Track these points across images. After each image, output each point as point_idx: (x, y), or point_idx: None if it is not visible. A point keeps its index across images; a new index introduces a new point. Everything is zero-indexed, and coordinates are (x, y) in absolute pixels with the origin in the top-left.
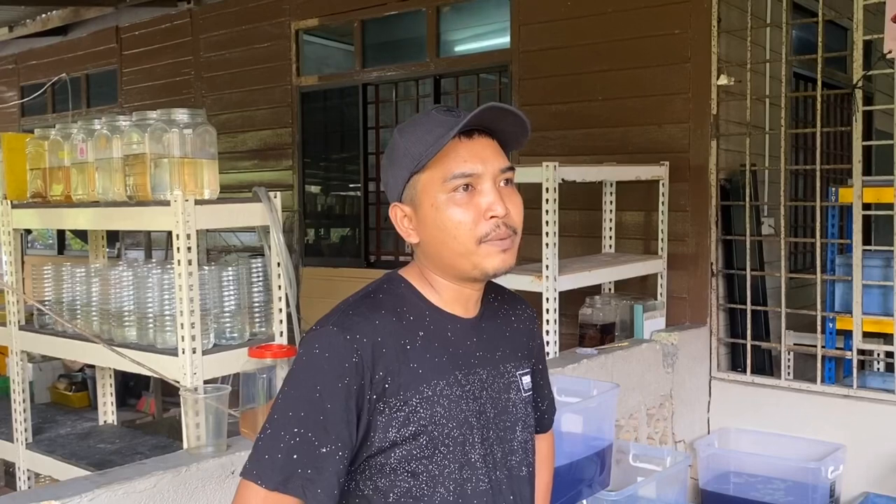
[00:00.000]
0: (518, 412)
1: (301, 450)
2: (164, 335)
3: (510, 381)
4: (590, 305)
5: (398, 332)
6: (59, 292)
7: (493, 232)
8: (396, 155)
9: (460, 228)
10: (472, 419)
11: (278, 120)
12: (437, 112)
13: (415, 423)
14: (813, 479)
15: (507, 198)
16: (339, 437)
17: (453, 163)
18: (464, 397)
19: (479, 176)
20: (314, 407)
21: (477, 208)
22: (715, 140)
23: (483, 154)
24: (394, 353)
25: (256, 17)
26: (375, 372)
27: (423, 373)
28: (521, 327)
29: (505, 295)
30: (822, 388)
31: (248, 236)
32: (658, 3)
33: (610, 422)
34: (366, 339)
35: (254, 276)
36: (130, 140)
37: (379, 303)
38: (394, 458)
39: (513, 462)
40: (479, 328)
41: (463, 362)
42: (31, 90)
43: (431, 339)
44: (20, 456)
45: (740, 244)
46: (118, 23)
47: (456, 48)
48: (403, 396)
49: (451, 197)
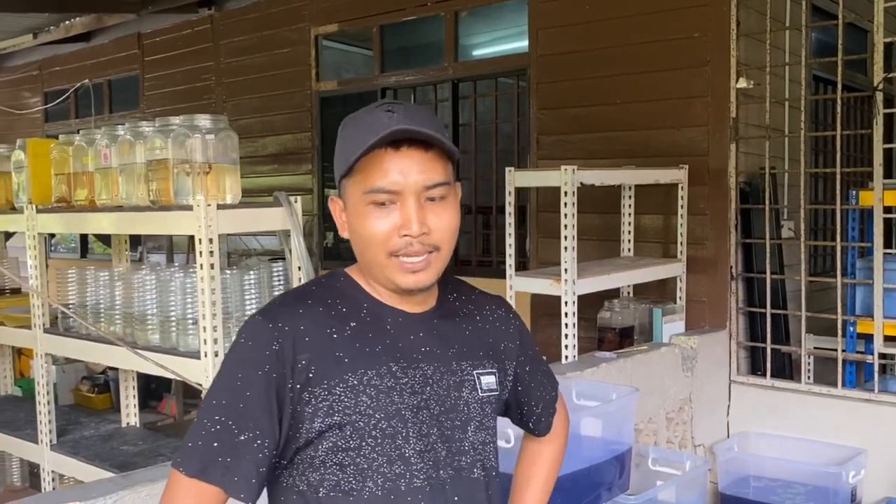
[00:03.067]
0: (472, 411)
1: (221, 437)
2: (187, 338)
3: (463, 380)
4: (608, 309)
5: (324, 322)
6: (84, 296)
7: (404, 249)
8: (336, 150)
9: (373, 240)
10: (405, 412)
11: (298, 125)
12: (377, 110)
13: (339, 413)
14: (834, 484)
15: (431, 214)
16: (257, 426)
17: (375, 176)
18: (396, 389)
19: (398, 192)
20: (234, 395)
21: (393, 223)
22: (734, 143)
23: (407, 169)
24: (318, 341)
25: (276, 23)
26: (297, 360)
27: (348, 361)
28: (487, 327)
29: (473, 295)
30: (842, 392)
31: (268, 240)
32: (677, 7)
33: (629, 426)
34: (287, 327)
35: (275, 279)
36: (154, 146)
37: (309, 293)
38: (321, 450)
39: (462, 462)
40: (430, 323)
41: (402, 355)
42: (55, 96)
43: (364, 330)
44: (45, 457)
45: (760, 247)
46: (140, 29)
47: (474, 52)
48: (328, 385)
49: (370, 209)
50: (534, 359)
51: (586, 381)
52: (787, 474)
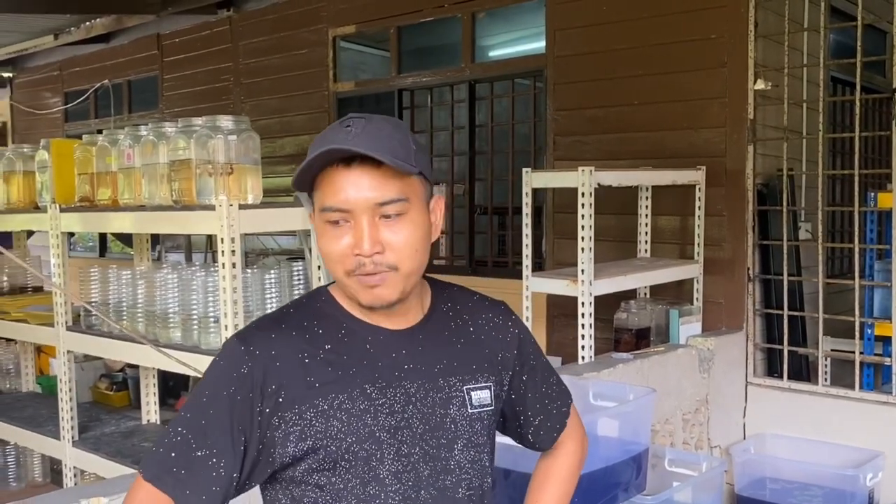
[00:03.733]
0: (459, 429)
1: (179, 449)
2: (208, 336)
3: (451, 396)
4: (625, 310)
5: (297, 347)
6: (106, 294)
7: (359, 269)
8: None
9: (331, 258)
10: (381, 434)
11: (315, 125)
12: (339, 125)
13: (311, 437)
14: (851, 487)
15: (388, 231)
16: (215, 444)
17: (327, 194)
18: (370, 412)
19: (350, 211)
20: (199, 411)
21: (348, 242)
22: (751, 145)
23: (359, 185)
24: (289, 366)
25: (294, 25)
26: (267, 385)
27: (319, 386)
28: (483, 338)
29: (470, 303)
30: (860, 395)
31: (286, 239)
32: (694, 8)
33: (646, 426)
34: (259, 351)
35: (294, 279)
36: (177, 146)
37: (285, 317)
38: (299, 471)
39: (446, 482)
40: (414, 339)
41: (380, 375)
42: (75, 96)
43: (339, 353)
44: (67, 454)
45: (777, 249)
46: (159, 30)
47: (491, 53)
48: (298, 410)
49: (326, 227)
50: (536, 368)
51: (603, 382)
52: (804, 476)
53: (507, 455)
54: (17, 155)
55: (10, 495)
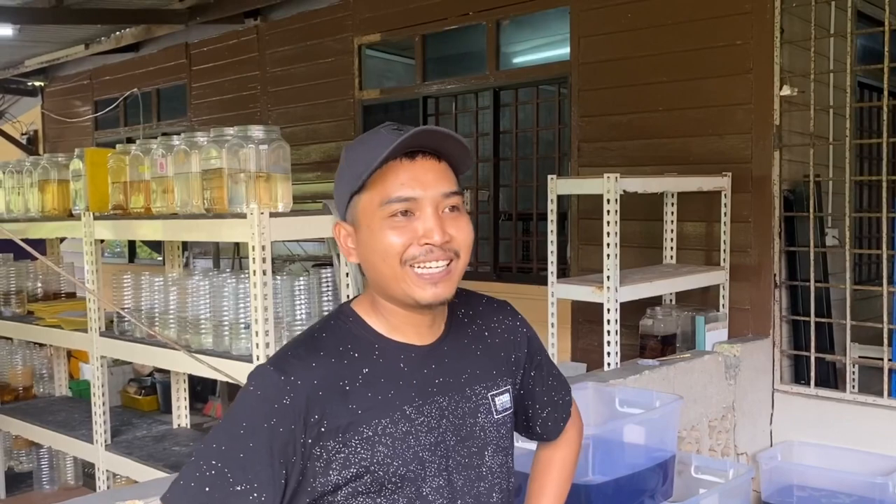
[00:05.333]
0: (488, 436)
1: (215, 483)
2: (239, 342)
3: (478, 405)
4: (651, 316)
5: (337, 373)
6: (138, 300)
7: (424, 256)
8: (340, 172)
9: (389, 252)
10: (423, 454)
11: (341, 133)
12: (384, 130)
13: (356, 465)
14: (880, 495)
15: (449, 223)
16: (256, 478)
17: (392, 186)
18: (412, 433)
19: (418, 200)
20: (237, 443)
21: (413, 233)
22: (778, 151)
23: (424, 178)
24: (331, 394)
25: (320, 33)
26: (310, 415)
27: (362, 413)
28: (497, 341)
29: (480, 306)
30: (888, 402)
31: (312, 246)
32: (719, 14)
33: (672, 433)
34: (300, 381)
35: (323, 285)
36: (209, 155)
37: (320, 343)
38: (341, 496)
39: (481, 489)
40: (440, 353)
41: (416, 393)
42: (105, 104)
43: (377, 375)
44: (100, 457)
45: (804, 255)
46: (188, 39)
47: (515, 60)
48: (343, 438)
49: (388, 221)
50: (542, 363)
51: (629, 389)
52: (831, 484)
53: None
54: (51, 164)
55: (43, 498)
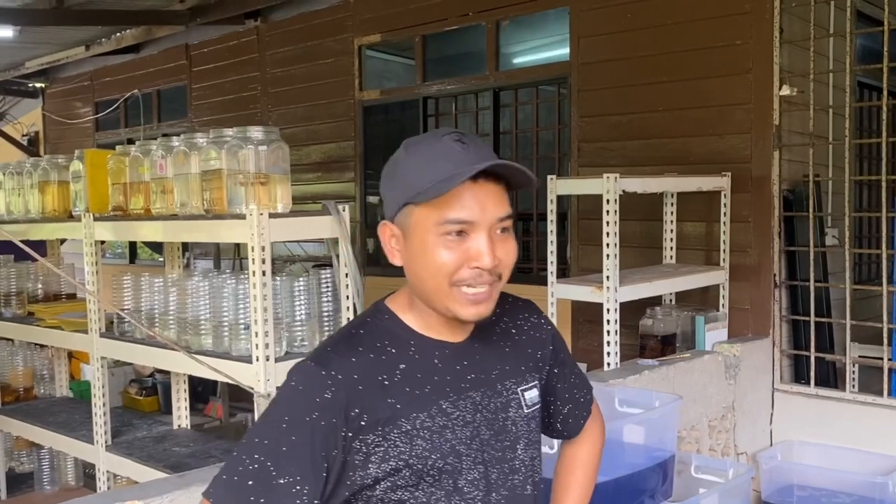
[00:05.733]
0: (519, 430)
1: (258, 477)
2: (239, 343)
3: (509, 400)
4: (650, 316)
5: (376, 369)
6: (138, 301)
7: (473, 279)
8: (397, 174)
9: (441, 270)
10: (460, 447)
11: (341, 133)
12: (447, 139)
13: (394, 458)
14: (880, 494)
15: (499, 246)
16: (299, 471)
17: (451, 208)
18: (449, 427)
19: (475, 224)
20: (279, 438)
21: (465, 254)
22: (777, 151)
23: (484, 202)
24: (370, 389)
25: (320, 34)
26: (350, 409)
27: (401, 407)
28: (524, 338)
29: (506, 305)
30: (888, 402)
31: (312, 246)
32: (719, 14)
33: (672, 433)
34: (341, 376)
35: (323, 286)
36: (208, 156)
37: (358, 340)
38: (379, 490)
39: (515, 481)
40: (472, 349)
41: (451, 389)
42: (105, 106)
43: (414, 371)
44: (100, 458)
45: (804, 255)
46: (188, 41)
47: (515, 61)
48: (382, 432)
49: (442, 239)
50: (564, 361)
51: (629, 389)
52: (831, 483)
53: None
54: (51, 165)
55: (44, 498)
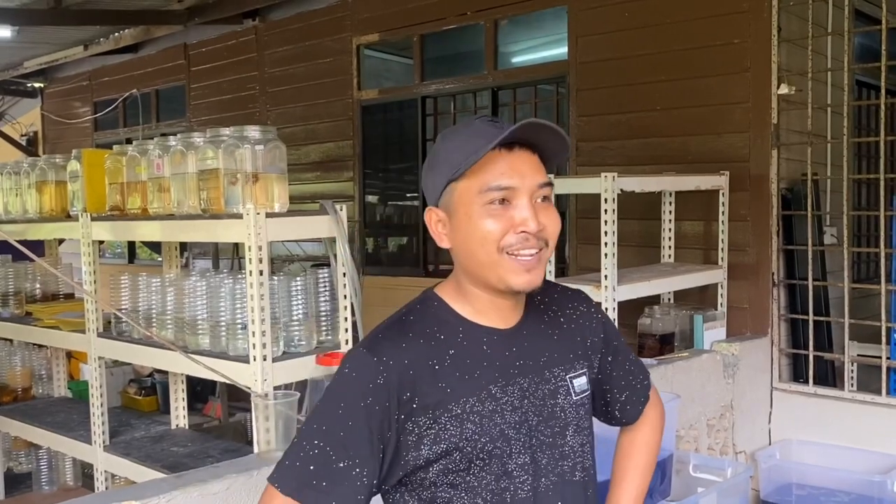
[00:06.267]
0: (568, 416)
1: (318, 461)
2: (236, 343)
3: (557, 386)
4: (649, 315)
5: (426, 354)
6: (136, 301)
7: (520, 244)
8: (437, 160)
9: (488, 238)
10: (509, 431)
11: (340, 133)
12: (480, 122)
13: (445, 441)
14: (878, 493)
15: (542, 213)
16: (357, 454)
17: (491, 175)
18: (498, 411)
19: (515, 190)
20: (336, 423)
21: (509, 221)
22: (775, 149)
23: (521, 168)
24: (421, 374)
25: (319, 34)
26: (402, 393)
27: (451, 391)
28: (573, 327)
29: (555, 294)
30: (887, 400)
31: (311, 246)
32: (717, 13)
33: (670, 432)
34: (392, 361)
35: (320, 286)
36: (205, 156)
37: (409, 325)
38: (432, 472)
39: (564, 467)
40: (520, 336)
41: (500, 374)
42: (104, 105)
43: (463, 357)
44: (98, 458)
45: (802, 254)
46: (186, 40)
47: (513, 60)
48: (433, 415)
49: (486, 208)
50: (619, 349)
51: None
52: (830, 482)
53: None
54: (49, 165)
55: (42, 499)
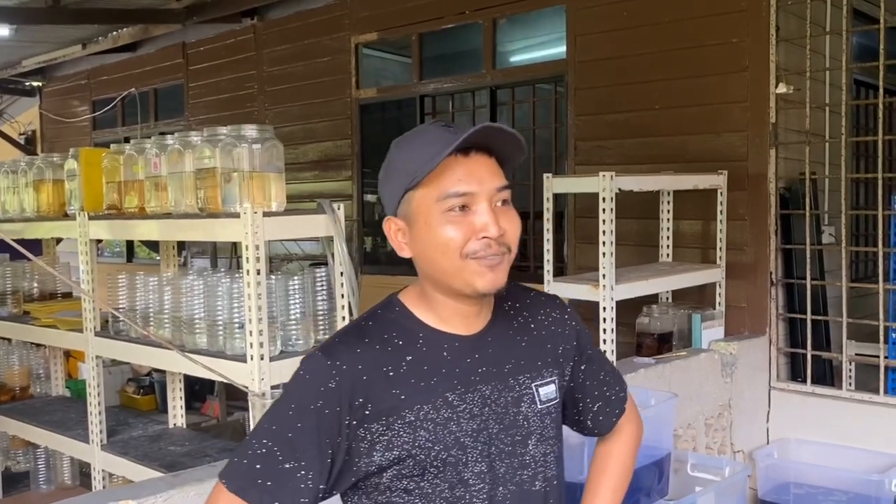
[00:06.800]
0: (531, 425)
1: (265, 461)
2: (233, 342)
3: (522, 394)
4: (647, 314)
5: (382, 360)
6: (133, 300)
7: (483, 251)
8: (392, 169)
9: (450, 246)
10: (465, 439)
11: (338, 132)
12: (433, 127)
13: (398, 448)
14: (876, 492)
15: (502, 217)
16: (304, 457)
17: (449, 181)
18: (454, 419)
19: (474, 195)
20: (286, 424)
21: (470, 227)
22: (774, 149)
23: (479, 173)
24: (375, 380)
25: (317, 32)
26: (355, 398)
27: (405, 398)
28: (544, 333)
29: (528, 299)
30: (884, 399)
31: (309, 245)
32: (715, 13)
33: (668, 431)
34: (346, 365)
35: (318, 285)
36: (202, 155)
37: (367, 331)
38: (386, 478)
39: (523, 476)
40: (484, 343)
41: (459, 381)
42: (102, 104)
43: (420, 363)
44: (96, 457)
45: (800, 253)
46: (185, 39)
47: (512, 59)
48: (386, 421)
49: (445, 215)
50: (593, 357)
51: None
52: (828, 481)
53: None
54: (46, 163)
55: (40, 498)
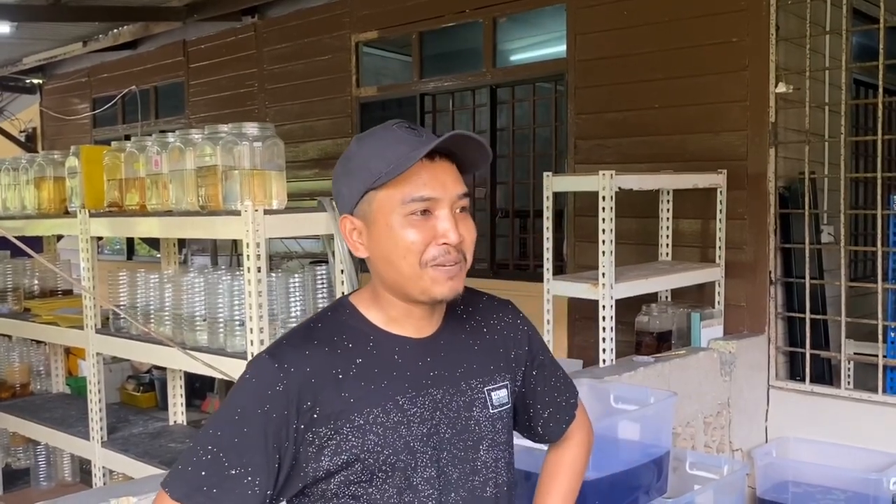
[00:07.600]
0: (483, 430)
1: (210, 467)
2: (234, 339)
3: (474, 399)
4: (646, 313)
5: (330, 362)
6: (134, 297)
7: (442, 257)
8: (352, 167)
9: (411, 249)
10: (415, 444)
11: (338, 130)
12: (398, 128)
13: (346, 452)
14: (874, 491)
15: (461, 224)
16: (250, 462)
17: (413, 185)
18: (404, 423)
19: (438, 201)
20: (232, 429)
21: (431, 232)
22: (773, 148)
23: (443, 178)
24: (323, 383)
25: (318, 31)
26: (302, 402)
27: (354, 401)
28: (496, 338)
29: (480, 303)
30: (883, 398)
31: (310, 242)
32: (715, 12)
33: (667, 430)
34: (293, 368)
35: (318, 283)
36: (203, 152)
37: (315, 332)
38: (333, 484)
39: (475, 482)
40: (437, 346)
41: (410, 385)
42: (103, 102)
43: (371, 366)
44: (96, 454)
45: (799, 252)
46: (185, 37)
47: (512, 58)
48: (334, 425)
49: (407, 219)
50: (544, 363)
51: (624, 385)
52: (826, 480)
53: (527, 457)
54: (47, 161)
55: (40, 494)
